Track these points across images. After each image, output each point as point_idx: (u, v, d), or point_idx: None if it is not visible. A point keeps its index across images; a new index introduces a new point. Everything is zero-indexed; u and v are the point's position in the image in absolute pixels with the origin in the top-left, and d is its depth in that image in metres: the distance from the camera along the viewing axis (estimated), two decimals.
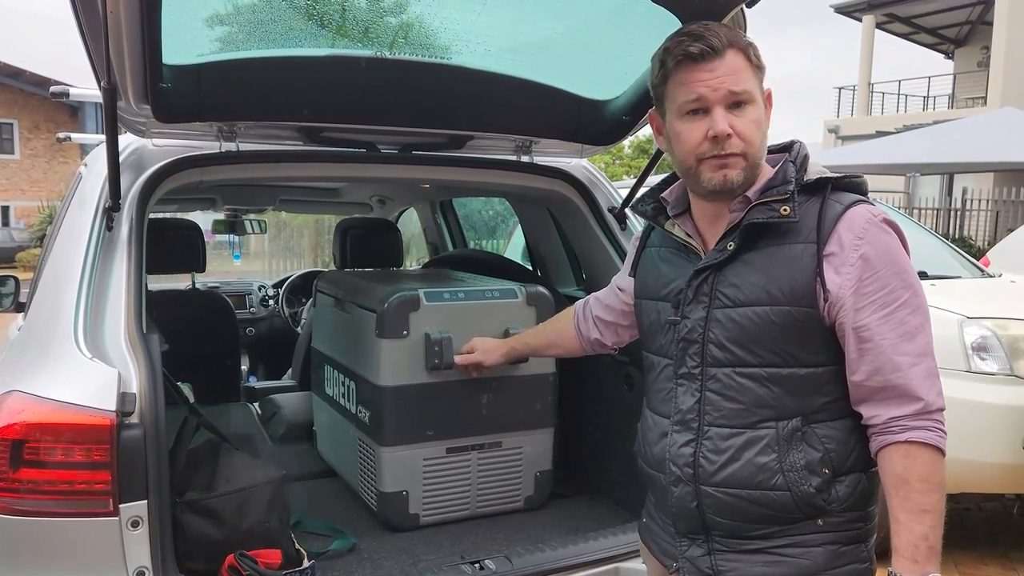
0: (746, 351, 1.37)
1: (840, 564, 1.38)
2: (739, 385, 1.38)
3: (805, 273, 1.34)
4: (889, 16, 22.62)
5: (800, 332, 1.35)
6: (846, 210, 1.35)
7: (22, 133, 27.45)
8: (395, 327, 2.37)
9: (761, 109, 1.40)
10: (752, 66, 1.39)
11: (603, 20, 2.13)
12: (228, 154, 2.21)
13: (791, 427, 1.36)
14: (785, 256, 1.36)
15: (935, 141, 12.72)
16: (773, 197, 1.37)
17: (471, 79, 2.26)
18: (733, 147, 1.36)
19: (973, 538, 4.28)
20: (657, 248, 1.59)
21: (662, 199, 1.56)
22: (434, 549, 2.29)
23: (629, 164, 28.48)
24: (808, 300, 1.34)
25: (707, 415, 1.41)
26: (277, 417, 3.44)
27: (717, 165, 1.38)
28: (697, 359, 1.42)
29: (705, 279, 1.42)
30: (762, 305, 1.36)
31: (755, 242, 1.38)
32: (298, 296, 5.16)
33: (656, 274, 1.56)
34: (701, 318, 1.41)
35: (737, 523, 1.39)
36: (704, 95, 1.36)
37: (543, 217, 3.07)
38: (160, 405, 1.72)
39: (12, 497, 1.61)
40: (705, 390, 1.41)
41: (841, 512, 1.38)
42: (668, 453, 1.45)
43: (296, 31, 2.09)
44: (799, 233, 1.36)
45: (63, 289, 1.86)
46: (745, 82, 1.37)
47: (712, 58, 1.36)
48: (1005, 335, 3.70)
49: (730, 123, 1.36)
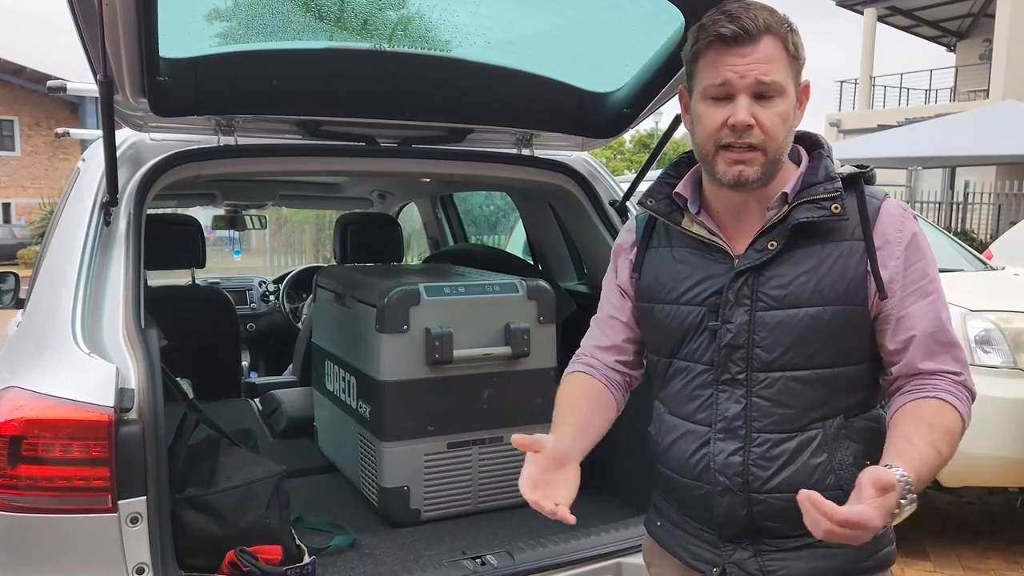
0: (797, 354, 1.33)
1: (880, 548, 1.40)
2: (789, 389, 1.34)
3: (855, 270, 1.32)
4: (891, 9, 22.57)
5: (849, 331, 1.34)
6: (881, 204, 1.35)
7: (23, 130, 27.47)
8: (395, 322, 2.36)
9: (791, 103, 1.32)
10: (789, 56, 1.31)
11: (604, 11, 2.11)
12: (226, 148, 2.20)
13: (836, 425, 1.34)
14: (834, 254, 1.33)
15: (937, 135, 12.68)
16: (821, 195, 1.33)
17: (471, 72, 2.24)
18: (753, 138, 1.30)
19: (976, 531, 4.27)
20: (668, 248, 1.48)
21: (676, 195, 1.45)
22: (435, 544, 2.28)
23: (630, 159, 28.47)
24: (860, 297, 1.32)
25: (755, 421, 1.35)
26: (277, 413, 3.44)
27: (733, 160, 1.31)
28: (742, 364, 1.36)
29: (746, 281, 1.35)
30: (814, 306, 1.32)
31: (796, 240, 1.34)
32: (298, 292, 5.15)
33: (671, 275, 1.45)
34: (744, 322, 1.35)
35: (788, 525, 1.33)
36: (730, 80, 1.29)
37: (544, 211, 3.06)
38: (159, 401, 1.71)
39: (11, 494, 1.60)
40: (752, 396, 1.36)
41: None
42: (713, 463, 1.38)
43: (294, 24, 2.08)
44: (843, 230, 1.33)
45: (61, 285, 1.85)
46: (776, 72, 1.29)
47: (745, 42, 1.28)
48: (1008, 328, 3.70)
49: (754, 113, 1.29)
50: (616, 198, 2.63)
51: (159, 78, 1.92)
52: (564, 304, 2.71)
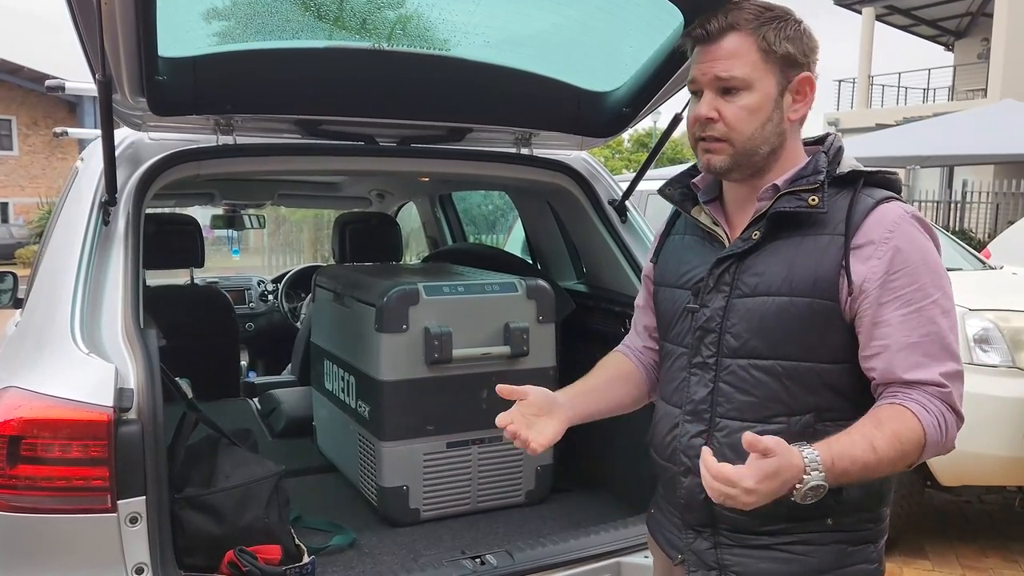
0: (762, 342, 1.35)
1: (848, 564, 1.36)
2: (753, 378, 1.35)
3: (829, 265, 1.31)
4: (889, 8, 22.57)
5: (819, 326, 1.32)
6: (877, 205, 1.33)
7: (20, 129, 27.41)
8: (394, 321, 2.36)
9: (764, 96, 1.35)
10: (759, 50, 1.34)
11: (603, 11, 2.11)
12: (225, 147, 2.20)
13: (803, 423, 1.33)
14: (810, 247, 1.33)
15: (935, 134, 12.70)
16: (802, 187, 1.35)
17: (470, 71, 2.24)
18: (714, 131, 1.36)
19: (974, 530, 4.27)
20: (682, 235, 1.55)
21: (693, 184, 1.51)
22: (435, 544, 2.28)
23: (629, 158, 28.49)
24: (830, 293, 1.31)
25: (719, 407, 1.38)
26: (276, 412, 3.43)
27: (703, 149, 1.39)
28: (713, 348, 1.39)
29: (727, 268, 1.39)
30: (782, 295, 1.33)
31: (781, 232, 1.36)
32: (297, 291, 5.15)
33: (678, 261, 1.52)
34: (720, 307, 1.39)
35: (745, 517, 1.36)
36: (695, 78, 1.38)
37: (543, 210, 3.06)
38: (158, 400, 1.70)
39: (10, 494, 1.60)
40: (719, 381, 1.38)
41: (852, 512, 1.35)
42: (679, 443, 1.43)
43: (293, 23, 2.08)
44: (826, 225, 1.33)
45: (59, 284, 1.84)
46: (738, 68, 1.33)
47: (707, 42, 1.36)
48: (1006, 327, 3.70)
49: (717, 107, 1.35)
50: (615, 197, 2.63)
51: (158, 77, 1.91)
52: (563, 303, 2.71)
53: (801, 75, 1.37)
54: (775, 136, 1.38)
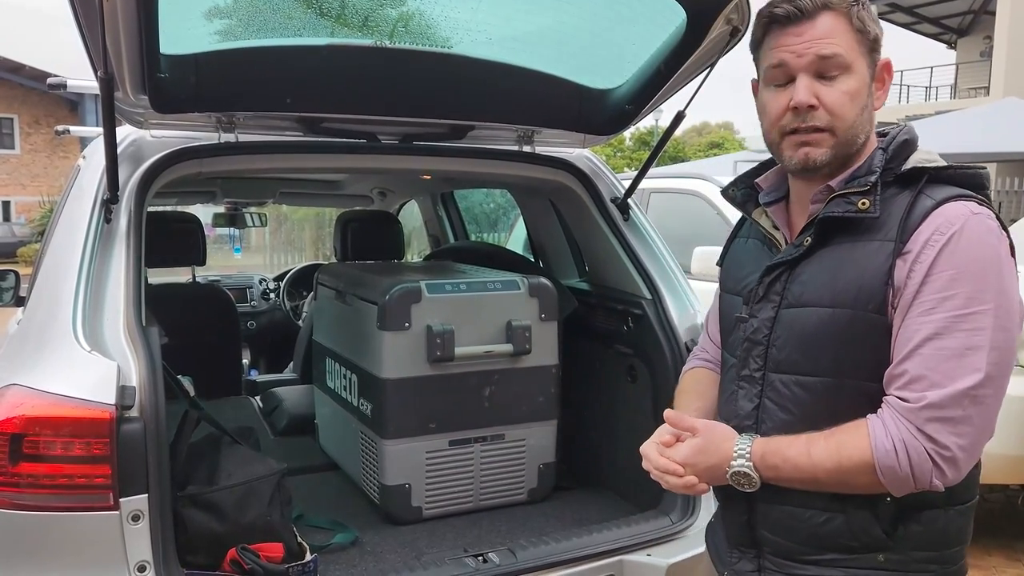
0: (803, 356, 1.25)
1: None
2: (793, 395, 1.26)
3: (875, 274, 1.19)
4: (891, 6, 22.55)
5: (863, 341, 1.20)
6: (938, 206, 1.18)
7: (22, 128, 27.43)
8: (397, 319, 2.35)
9: (861, 80, 1.23)
10: (854, 31, 1.22)
11: (606, 8, 2.10)
12: (227, 145, 2.19)
13: None
14: (858, 254, 1.21)
15: (937, 132, 12.65)
16: (853, 189, 1.23)
17: (472, 68, 2.24)
18: (817, 120, 1.22)
19: (977, 528, 4.23)
20: (746, 239, 1.45)
21: (756, 184, 1.41)
22: (437, 542, 2.27)
23: (630, 156, 28.46)
24: (875, 305, 1.19)
25: (763, 423, 1.30)
26: (278, 410, 3.43)
27: (798, 142, 1.24)
28: (759, 362, 1.31)
29: (778, 276, 1.30)
30: (823, 307, 1.23)
31: (832, 238, 1.25)
32: (299, 289, 5.15)
33: (739, 266, 1.43)
34: (768, 318, 1.29)
35: (788, 543, 1.29)
36: (786, 60, 1.23)
37: (545, 208, 3.05)
38: (160, 398, 1.70)
39: (12, 492, 1.60)
40: (764, 397, 1.30)
41: (908, 550, 1.23)
42: None
43: (295, 20, 2.08)
44: (879, 230, 1.21)
45: (61, 282, 1.84)
46: (839, 47, 1.21)
47: (800, 20, 1.22)
48: None
49: (817, 93, 1.22)
50: (617, 195, 2.63)
51: (160, 75, 1.91)
52: (565, 301, 2.70)
53: (884, 60, 1.28)
54: (869, 125, 1.27)
